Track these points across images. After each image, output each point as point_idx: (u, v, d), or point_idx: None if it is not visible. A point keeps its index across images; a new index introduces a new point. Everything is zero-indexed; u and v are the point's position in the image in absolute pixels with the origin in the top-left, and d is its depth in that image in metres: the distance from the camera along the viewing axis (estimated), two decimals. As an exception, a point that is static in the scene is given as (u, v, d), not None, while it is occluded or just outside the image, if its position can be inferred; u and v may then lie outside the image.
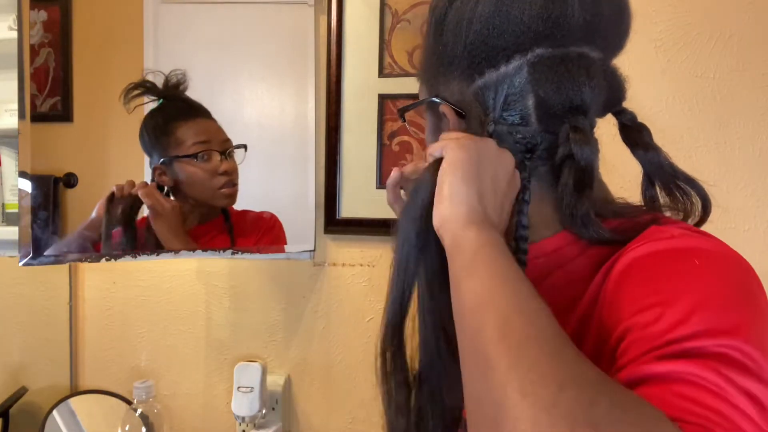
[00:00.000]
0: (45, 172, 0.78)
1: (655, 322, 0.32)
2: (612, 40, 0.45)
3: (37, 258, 0.76)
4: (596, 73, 0.41)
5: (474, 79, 0.43)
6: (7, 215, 1.01)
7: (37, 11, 0.77)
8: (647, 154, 0.45)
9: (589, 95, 0.41)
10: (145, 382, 0.99)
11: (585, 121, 0.42)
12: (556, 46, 0.40)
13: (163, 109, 0.88)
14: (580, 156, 0.41)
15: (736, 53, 0.85)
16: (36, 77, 0.77)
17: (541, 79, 0.40)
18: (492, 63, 0.42)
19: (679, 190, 0.45)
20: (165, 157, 0.87)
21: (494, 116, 0.42)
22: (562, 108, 0.41)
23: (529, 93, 0.41)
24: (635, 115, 0.47)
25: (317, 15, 0.98)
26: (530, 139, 0.43)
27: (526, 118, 0.42)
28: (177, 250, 0.87)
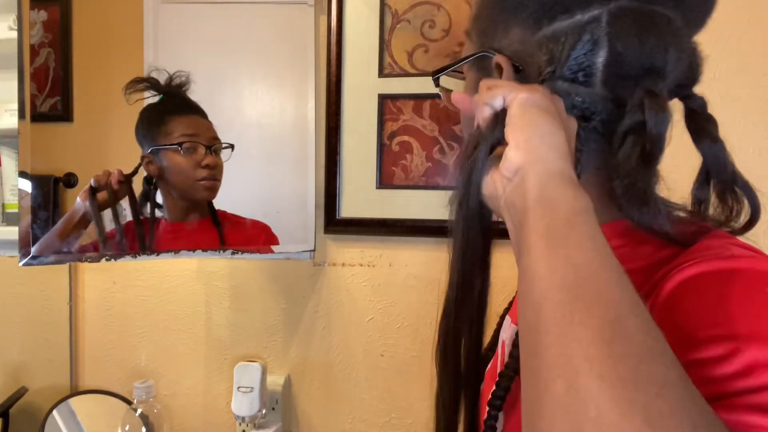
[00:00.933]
0: (45, 172, 0.78)
1: (727, 361, 0.27)
2: (698, 13, 0.40)
3: (37, 258, 0.76)
4: (681, 38, 0.38)
5: (541, 26, 0.38)
6: (7, 215, 1.01)
7: (37, 11, 0.77)
8: (713, 147, 0.40)
9: (673, 60, 0.37)
10: (145, 382, 0.99)
11: (663, 86, 0.37)
12: (642, 1, 0.36)
13: (160, 104, 0.90)
14: (653, 124, 0.36)
15: (736, 53, 0.85)
16: (36, 77, 0.77)
17: (623, 32, 0.35)
18: (567, 8, 0.37)
19: (733, 195, 0.40)
20: (153, 146, 0.89)
21: (556, 71, 0.37)
22: (639, 68, 0.36)
23: (602, 48, 0.35)
24: (706, 102, 0.42)
25: (317, 15, 0.98)
26: (590, 104, 0.37)
27: (591, 78, 0.37)
28: (177, 250, 0.88)
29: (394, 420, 1.01)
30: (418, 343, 0.99)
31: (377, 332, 1.01)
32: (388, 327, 1.00)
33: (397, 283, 0.99)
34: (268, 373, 1.02)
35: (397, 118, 0.97)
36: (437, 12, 0.94)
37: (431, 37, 0.95)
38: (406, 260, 0.99)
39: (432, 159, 0.95)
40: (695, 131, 0.41)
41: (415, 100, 0.96)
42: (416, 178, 0.96)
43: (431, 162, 0.95)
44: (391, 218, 0.97)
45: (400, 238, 0.99)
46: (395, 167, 0.97)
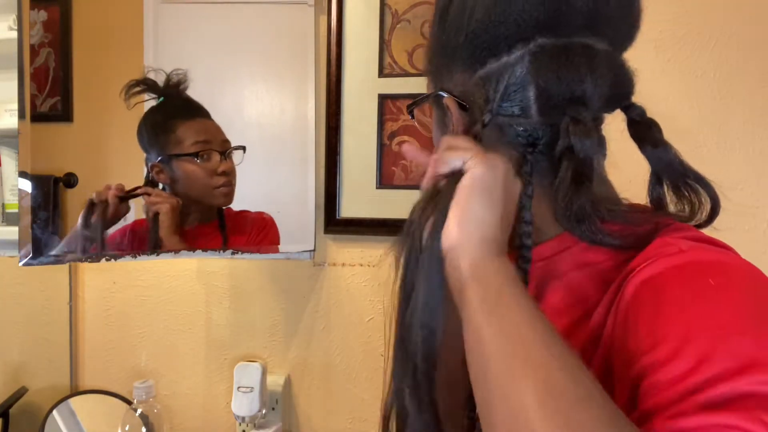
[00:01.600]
0: (45, 172, 0.78)
1: (675, 361, 0.29)
2: (619, 32, 0.43)
3: (37, 258, 0.76)
4: (600, 64, 0.40)
5: (476, 69, 0.42)
6: (7, 215, 1.01)
7: (37, 11, 0.77)
8: (656, 150, 0.44)
9: (590, 87, 0.40)
10: (145, 382, 0.99)
11: (586, 113, 0.40)
12: (558, 36, 0.40)
13: (162, 107, 0.88)
14: (579, 148, 0.39)
15: (736, 53, 0.85)
16: (36, 77, 0.77)
17: (542, 68, 0.39)
18: (494, 52, 0.41)
19: (688, 189, 0.43)
20: (163, 154, 0.87)
21: (494, 107, 0.41)
22: (562, 99, 0.40)
23: (530, 83, 0.40)
24: (644, 110, 0.45)
25: (317, 15, 0.98)
26: (531, 131, 0.42)
27: (526, 110, 0.40)
28: (177, 250, 0.88)
29: (394, 420, 1.01)
30: (418, 343, 0.99)
31: (377, 332, 1.01)
32: (388, 327, 1.00)
33: (397, 283, 0.99)
34: (268, 373, 1.02)
35: (397, 118, 0.97)
36: (437, 12, 0.94)
37: (431, 37, 0.95)
38: (406, 260, 0.99)
39: (432, 159, 0.95)
40: (637, 138, 0.45)
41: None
42: (416, 178, 0.96)
43: (431, 162, 0.95)
44: (391, 218, 0.97)
45: (400, 238, 0.99)
46: (395, 167, 0.97)
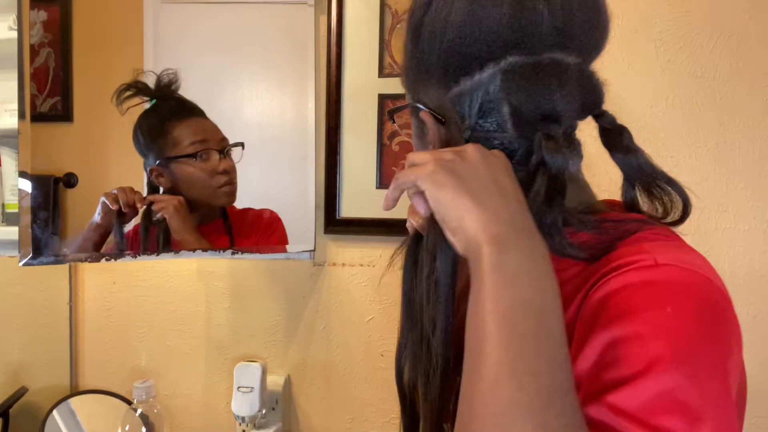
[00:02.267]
0: (45, 172, 0.78)
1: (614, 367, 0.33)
2: (588, 44, 0.43)
3: (37, 258, 0.76)
4: (569, 79, 0.41)
5: (450, 87, 0.43)
6: (7, 215, 1.01)
7: (37, 11, 0.77)
8: (626, 157, 0.45)
9: (561, 102, 0.40)
10: (145, 382, 0.99)
11: (557, 129, 0.41)
12: (528, 54, 0.40)
13: (156, 109, 0.87)
14: (551, 164, 0.40)
15: (736, 53, 0.86)
16: (36, 77, 0.77)
17: (513, 87, 0.40)
18: (466, 71, 0.42)
19: (659, 191, 0.44)
20: (161, 157, 0.87)
21: (470, 123, 0.42)
22: (534, 116, 0.41)
23: (503, 101, 0.40)
24: (614, 117, 0.47)
25: (317, 15, 0.98)
26: (508, 145, 0.42)
27: (502, 125, 0.41)
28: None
29: (394, 420, 1.01)
30: (418, 343, 0.99)
31: (377, 332, 1.01)
32: (388, 327, 1.00)
33: (397, 283, 0.99)
34: (268, 373, 1.02)
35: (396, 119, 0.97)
36: (437, 12, 0.94)
37: (431, 37, 0.95)
38: (406, 260, 0.99)
39: (432, 159, 0.95)
40: (608, 146, 0.46)
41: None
42: (416, 178, 0.96)
43: (431, 162, 0.95)
44: (391, 218, 0.97)
45: (400, 238, 0.99)
46: (395, 167, 0.97)
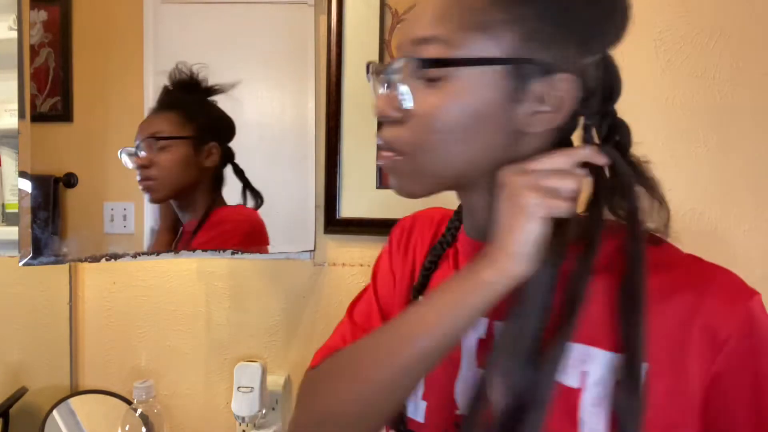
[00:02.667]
0: (45, 172, 0.78)
1: None
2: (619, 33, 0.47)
3: (37, 258, 0.76)
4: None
5: (585, 56, 0.42)
6: (7, 215, 1.01)
7: (37, 11, 0.77)
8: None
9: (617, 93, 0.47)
10: (145, 382, 0.99)
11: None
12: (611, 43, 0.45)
13: None
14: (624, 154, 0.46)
15: (736, 53, 0.85)
16: (36, 77, 0.77)
17: (611, 71, 0.45)
18: (589, 49, 0.42)
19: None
20: None
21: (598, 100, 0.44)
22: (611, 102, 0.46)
23: (600, 82, 0.43)
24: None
25: (317, 15, 0.98)
26: (590, 123, 0.45)
27: (591, 107, 0.44)
28: (177, 250, 0.88)
29: (394, 420, 1.01)
30: (418, 343, 0.99)
31: (377, 332, 1.01)
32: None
33: (397, 283, 0.99)
34: (268, 373, 1.02)
35: (397, 118, 0.97)
36: (437, 12, 0.94)
37: (431, 37, 0.95)
38: (406, 260, 0.99)
39: (432, 159, 0.95)
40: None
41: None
42: (416, 178, 0.96)
43: (431, 162, 0.95)
44: (391, 218, 0.97)
45: (400, 238, 0.99)
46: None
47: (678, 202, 0.88)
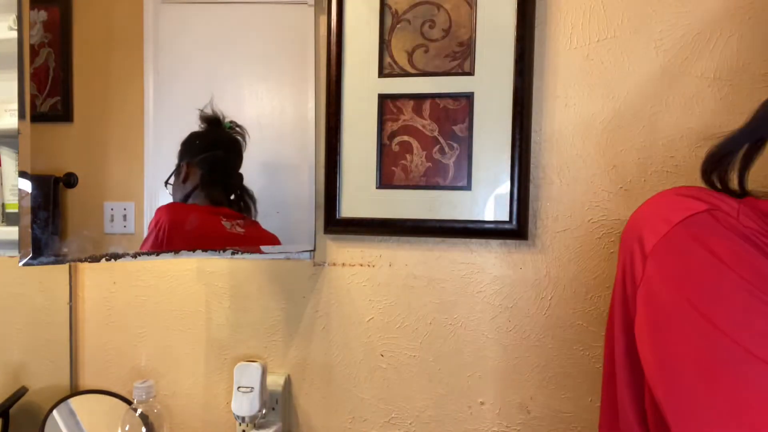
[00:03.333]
0: (45, 172, 0.78)
1: None
2: None
3: (37, 258, 0.76)
4: None
5: None
6: (7, 215, 1.01)
7: (37, 11, 0.77)
8: None
9: None
10: (145, 382, 0.99)
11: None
12: None
13: None
14: None
15: (736, 53, 0.86)
16: (36, 77, 0.77)
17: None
18: None
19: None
20: None
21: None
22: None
23: None
24: None
25: (317, 15, 0.98)
26: None
27: None
28: (177, 250, 0.87)
29: (394, 420, 1.01)
30: (417, 343, 0.99)
31: (377, 332, 1.01)
32: (388, 327, 1.00)
33: (397, 283, 0.99)
34: (268, 373, 1.02)
35: (397, 118, 0.97)
36: (437, 12, 0.94)
37: (431, 37, 0.95)
38: (406, 260, 0.99)
39: (432, 159, 0.95)
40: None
41: (415, 100, 0.96)
42: (416, 178, 0.96)
43: (431, 162, 0.95)
44: (391, 218, 0.97)
45: (400, 238, 0.99)
46: (395, 167, 0.97)
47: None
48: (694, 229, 0.45)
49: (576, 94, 0.90)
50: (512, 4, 0.90)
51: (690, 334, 0.43)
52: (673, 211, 0.48)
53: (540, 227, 0.93)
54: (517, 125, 0.91)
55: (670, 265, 0.46)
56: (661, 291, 0.46)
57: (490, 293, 0.95)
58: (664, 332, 0.45)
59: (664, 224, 0.47)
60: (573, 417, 0.93)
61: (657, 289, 0.46)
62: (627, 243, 0.53)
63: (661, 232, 0.47)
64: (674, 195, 0.51)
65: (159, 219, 0.86)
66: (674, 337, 0.44)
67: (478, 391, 0.97)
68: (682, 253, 0.45)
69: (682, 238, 0.45)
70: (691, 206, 0.47)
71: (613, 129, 0.89)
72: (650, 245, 0.47)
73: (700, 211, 0.46)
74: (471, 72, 0.93)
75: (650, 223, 0.49)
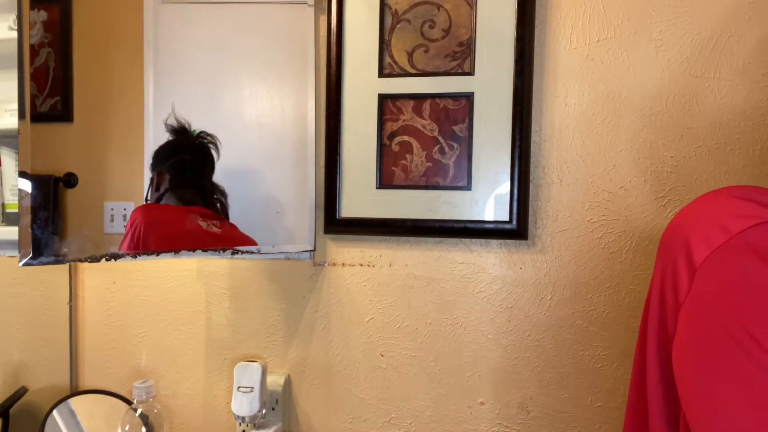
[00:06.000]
0: (45, 172, 0.78)
1: None
2: None
3: (37, 258, 0.76)
4: None
5: None
6: (7, 215, 1.01)
7: (37, 11, 0.77)
8: None
9: None
10: (145, 382, 0.99)
11: None
12: None
13: None
14: None
15: (736, 53, 0.86)
16: (36, 77, 0.77)
17: None
18: None
19: None
20: None
21: None
22: None
23: None
24: None
25: (317, 15, 0.98)
26: None
27: None
28: (177, 250, 0.88)
29: (394, 420, 1.01)
30: (417, 343, 0.99)
31: (377, 332, 1.01)
32: (388, 327, 1.00)
33: (397, 283, 1.00)
34: (268, 373, 1.02)
35: (397, 118, 0.97)
36: (437, 12, 0.94)
37: (431, 37, 0.95)
38: (406, 260, 0.99)
39: (432, 159, 0.95)
40: None
41: (415, 100, 0.96)
42: (416, 178, 0.96)
43: (431, 162, 0.95)
44: (391, 218, 0.97)
45: (400, 238, 0.99)
46: (395, 167, 0.97)
47: (683, 203, 0.88)
48: (757, 243, 0.37)
49: (576, 93, 0.91)
50: (512, 4, 0.90)
51: (744, 372, 0.36)
52: (731, 218, 0.39)
53: (540, 227, 0.93)
54: (517, 125, 0.91)
55: (726, 285, 0.38)
56: (712, 314, 0.39)
57: (490, 293, 0.95)
58: (712, 364, 0.38)
59: (720, 233, 0.39)
60: (573, 417, 0.93)
61: (707, 311, 0.39)
62: (669, 248, 0.45)
63: (716, 243, 0.39)
64: (730, 197, 0.42)
65: (134, 220, 0.86)
66: (725, 373, 0.37)
67: (478, 391, 0.97)
68: (741, 271, 0.37)
69: (742, 253, 0.38)
70: (754, 213, 0.38)
71: (613, 129, 0.89)
72: (701, 257, 0.40)
73: (766, 221, 0.38)
74: (471, 72, 0.93)
75: (701, 228, 0.41)
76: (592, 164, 0.90)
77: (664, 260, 0.45)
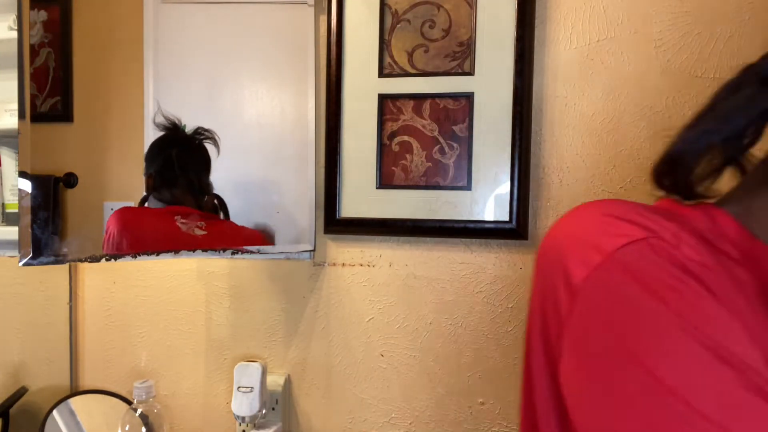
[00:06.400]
0: (45, 172, 0.78)
1: None
2: None
3: (37, 258, 0.76)
4: None
5: None
6: (7, 215, 1.01)
7: (37, 11, 0.77)
8: None
9: None
10: (145, 382, 0.99)
11: None
12: None
13: None
14: None
15: (736, 53, 0.86)
16: (36, 77, 0.77)
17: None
18: None
19: None
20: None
21: None
22: None
23: None
24: None
25: (317, 15, 0.98)
26: None
27: None
28: (176, 250, 0.87)
29: (394, 420, 1.01)
30: (417, 343, 0.99)
31: (377, 332, 1.01)
32: (388, 327, 1.00)
33: (397, 283, 0.99)
34: (268, 373, 1.02)
35: (397, 118, 0.97)
36: (437, 12, 0.94)
37: (431, 37, 0.95)
38: (406, 260, 0.99)
39: (432, 159, 0.95)
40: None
41: (415, 100, 0.96)
42: (416, 178, 0.96)
43: (431, 162, 0.95)
44: (391, 218, 0.97)
45: (400, 238, 0.99)
46: (395, 167, 0.97)
47: (678, 202, 0.88)
48: (630, 263, 0.37)
49: (576, 94, 0.91)
50: (512, 4, 0.90)
51: (633, 392, 0.36)
52: (604, 237, 0.39)
53: (540, 227, 0.93)
54: (517, 125, 0.91)
55: (604, 308, 0.38)
56: (594, 339, 0.39)
57: (490, 293, 0.95)
58: (600, 389, 0.38)
59: (595, 253, 0.39)
60: (573, 417, 0.93)
61: (589, 336, 0.39)
62: (547, 269, 0.44)
63: (592, 264, 0.39)
64: (602, 215, 0.42)
65: (109, 224, 0.86)
66: (615, 396, 0.37)
67: (478, 391, 0.97)
68: (617, 293, 0.38)
69: (617, 274, 0.38)
70: (626, 232, 0.39)
71: (613, 129, 0.89)
72: (578, 278, 0.40)
73: (637, 239, 0.38)
74: (471, 72, 0.93)
75: (577, 249, 0.41)
76: (592, 164, 0.90)
77: (543, 281, 0.45)
